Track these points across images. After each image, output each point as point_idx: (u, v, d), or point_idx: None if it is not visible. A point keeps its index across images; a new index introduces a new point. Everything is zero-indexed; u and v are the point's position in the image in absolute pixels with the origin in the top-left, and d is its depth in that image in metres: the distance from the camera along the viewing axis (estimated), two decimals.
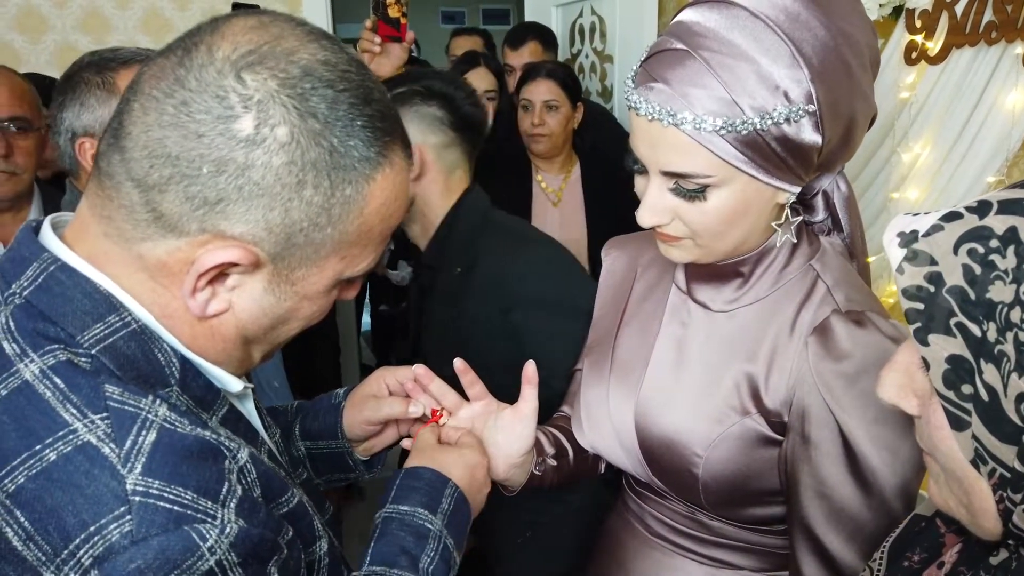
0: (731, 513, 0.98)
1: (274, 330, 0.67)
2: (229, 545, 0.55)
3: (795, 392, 0.90)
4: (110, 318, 0.59)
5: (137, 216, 0.59)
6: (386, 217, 0.66)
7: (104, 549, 0.52)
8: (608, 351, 1.10)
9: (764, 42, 0.80)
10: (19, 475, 0.53)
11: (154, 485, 0.54)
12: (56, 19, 2.71)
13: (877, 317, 0.89)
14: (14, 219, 1.68)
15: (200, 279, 0.60)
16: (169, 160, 0.57)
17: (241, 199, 0.57)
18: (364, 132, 0.61)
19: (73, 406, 0.55)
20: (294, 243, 0.60)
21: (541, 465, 1.09)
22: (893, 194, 1.94)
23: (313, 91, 0.59)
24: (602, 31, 3.04)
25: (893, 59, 1.90)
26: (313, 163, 0.59)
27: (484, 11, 7.07)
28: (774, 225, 0.91)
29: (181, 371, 0.62)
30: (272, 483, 0.65)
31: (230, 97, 0.57)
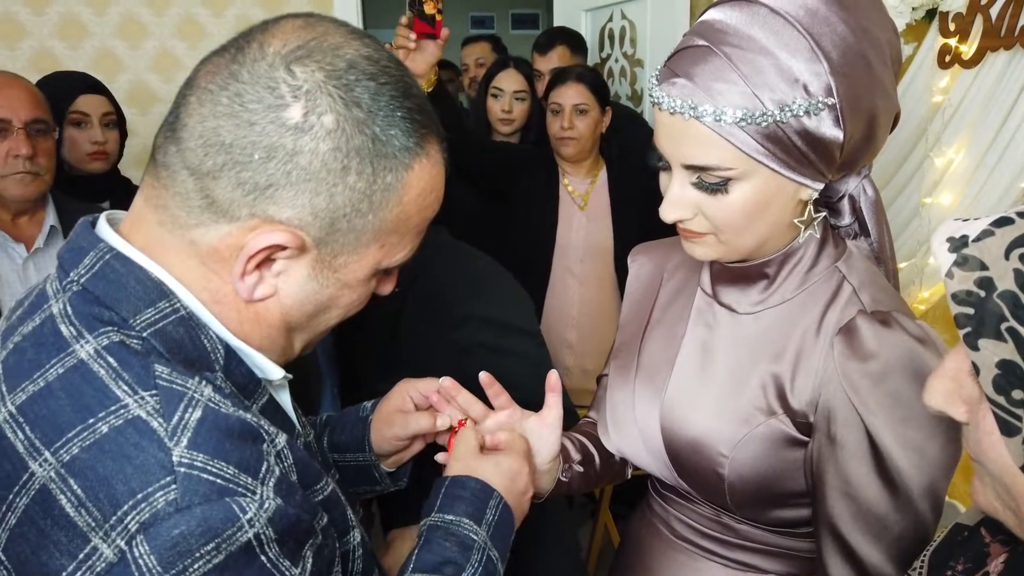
0: (757, 515, 0.98)
1: (315, 317, 0.70)
2: (267, 520, 0.58)
3: (821, 393, 0.90)
4: (160, 304, 0.63)
5: (191, 203, 0.62)
6: (423, 207, 0.69)
7: (150, 515, 0.54)
8: (634, 355, 1.10)
9: (784, 37, 0.81)
10: (73, 446, 0.57)
11: (198, 458, 0.57)
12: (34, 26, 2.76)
13: (903, 317, 0.89)
14: (31, 221, 1.72)
15: (249, 262, 0.63)
16: (223, 148, 0.60)
17: (289, 184, 0.61)
18: (404, 123, 0.64)
19: (125, 383, 0.59)
20: (337, 228, 0.64)
21: (568, 472, 1.09)
22: (926, 199, 1.91)
23: (357, 82, 0.62)
24: (632, 35, 3.04)
25: (926, 63, 1.87)
26: (357, 150, 0.62)
27: (513, 16, 7.09)
28: (797, 222, 0.91)
29: (225, 358, 0.66)
30: (308, 470, 0.67)
31: (280, 87, 0.60)
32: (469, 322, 1.22)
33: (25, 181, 1.64)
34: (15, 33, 2.75)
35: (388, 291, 0.76)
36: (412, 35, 1.70)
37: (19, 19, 2.75)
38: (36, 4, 2.75)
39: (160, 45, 2.88)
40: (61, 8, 2.78)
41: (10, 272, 1.68)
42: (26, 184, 1.64)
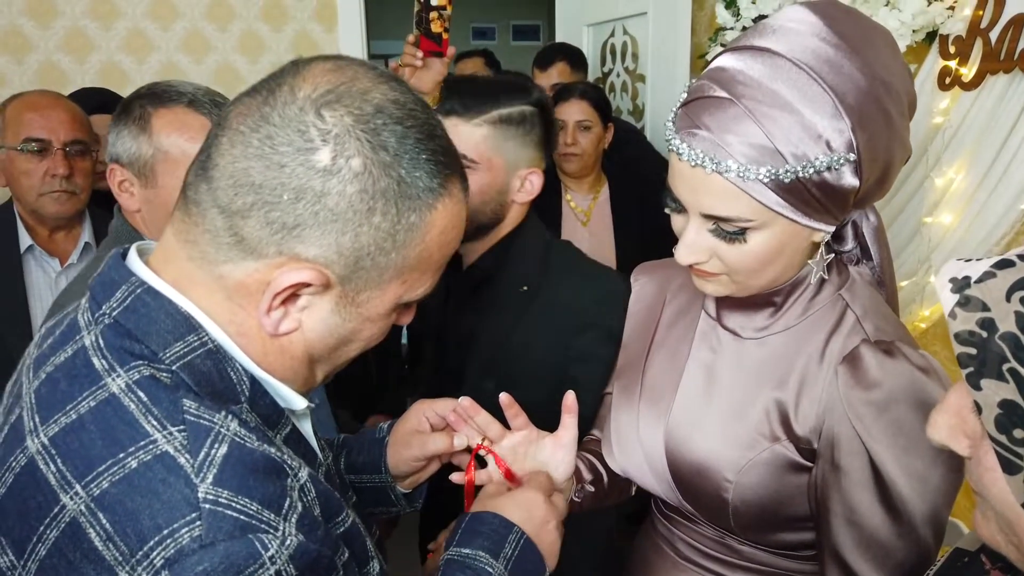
0: (761, 538, 0.99)
1: (337, 350, 0.72)
2: (288, 557, 0.58)
3: (824, 420, 0.91)
4: (189, 337, 0.64)
5: (220, 240, 0.64)
6: (444, 244, 0.71)
7: (175, 551, 0.55)
8: (638, 376, 1.11)
9: (808, 93, 0.81)
10: (104, 480, 0.58)
11: (223, 495, 0.58)
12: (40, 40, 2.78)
13: (907, 347, 0.90)
14: (67, 236, 1.78)
15: (275, 298, 0.64)
16: (253, 188, 0.62)
17: (316, 224, 0.62)
18: (428, 164, 0.66)
19: (154, 418, 0.60)
20: (361, 267, 0.65)
21: (580, 492, 1.10)
22: (926, 219, 1.92)
23: (384, 127, 0.64)
24: (634, 50, 3.05)
25: (926, 85, 1.89)
26: (383, 192, 0.64)
27: (514, 27, 7.12)
28: (810, 263, 0.93)
29: (251, 389, 0.67)
30: (330, 503, 0.68)
31: (310, 131, 0.62)
32: (590, 331, 1.23)
33: (61, 200, 1.71)
34: (22, 47, 2.76)
35: (406, 322, 0.77)
36: (419, 53, 1.71)
37: (25, 32, 2.76)
38: (42, 18, 2.77)
39: (166, 59, 2.90)
40: (67, 22, 2.80)
41: (43, 286, 1.74)
42: (62, 203, 1.71)
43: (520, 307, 1.35)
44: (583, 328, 1.26)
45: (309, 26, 3.02)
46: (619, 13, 3.08)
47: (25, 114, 1.69)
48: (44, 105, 1.70)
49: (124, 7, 2.84)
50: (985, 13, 1.75)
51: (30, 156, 1.68)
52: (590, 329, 1.24)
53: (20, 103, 1.72)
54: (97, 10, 2.82)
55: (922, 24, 1.84)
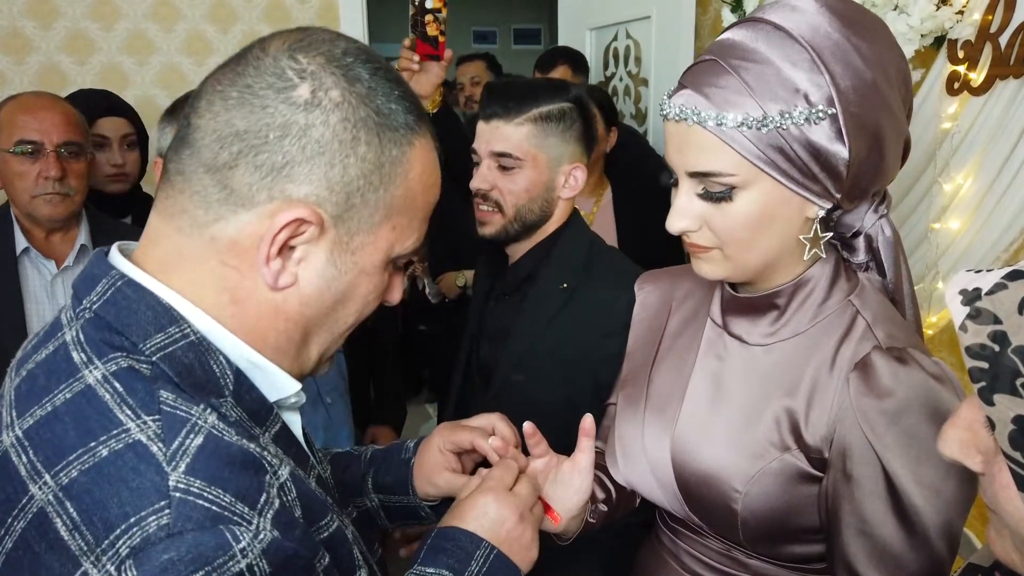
0: (770, 551, 0.97)
1: (334, 311, 0.70)
2: (261, 552, 0.56)
3: (836, 429, 0.89)
4: (171, 329, 0.63)
5: (210, 199, 0.64)
6: (426, 188, 0.71)
7: (141, 540, 0.54)
8: (643, 385, 1.10)
9: (786, 49, 0.84)
10: (73, 469, 0.57)
11: (195, 484, 0.56)
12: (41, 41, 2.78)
13: (920, 354, 0.88)
14: (64, 239, 1.77)
15: (273, 243, 0.64)
16: (238, 136, 0.63)
17: (305, 159, 0.63)
18: (402, 102, 0.68)
19: (129, 408, 0.59)
20: (352, 204, 0.66)
21: (595, 512, 1.09)
22: (934, 224, 1.91)
23: (355, 64, 0.66)
24: (637, 54, 3.04)
25: (935, 89, 1.88)
26: (364, 121, 0.65)
27: (515, 31, 7.13)
28: (802, 238, 0.91)
29: (235, 383, 0.66)
30: (312, 505, 0.66)
31: (287, 72, 0.64)
32: (620, 335, 1.23)
33: (54, 202, 1.69)
34: (23, 47, 2.75)
35: (396, 298, 0.77)
36: (415, 57, 1.70)
37: (26, 34, 2.75)
38: (43, 19, 2.76)
39: (167, 61, 2.89)
40: (68, 23, 2.79)
41: (39, 288, 1.73)
42: (55, 205, 1.69)
43: (558, 304, 1.38)
44: (614, 332, 1.27)
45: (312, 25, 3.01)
46: (622, 17, 3.07)
47: (18, 116, 1.67)
48: (37, 107, 1.69)
49: (125, 8, 2.83)
50: (995, 18, 1.74)
51: (23, 158, 1.66)
52: (621, 333, 1.24)
53: (13, 105, 1.70)
54: (98, 11, 2.81)
55: (930, 28, 1.82)
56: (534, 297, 1.41)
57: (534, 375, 1.38)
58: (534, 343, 1.39)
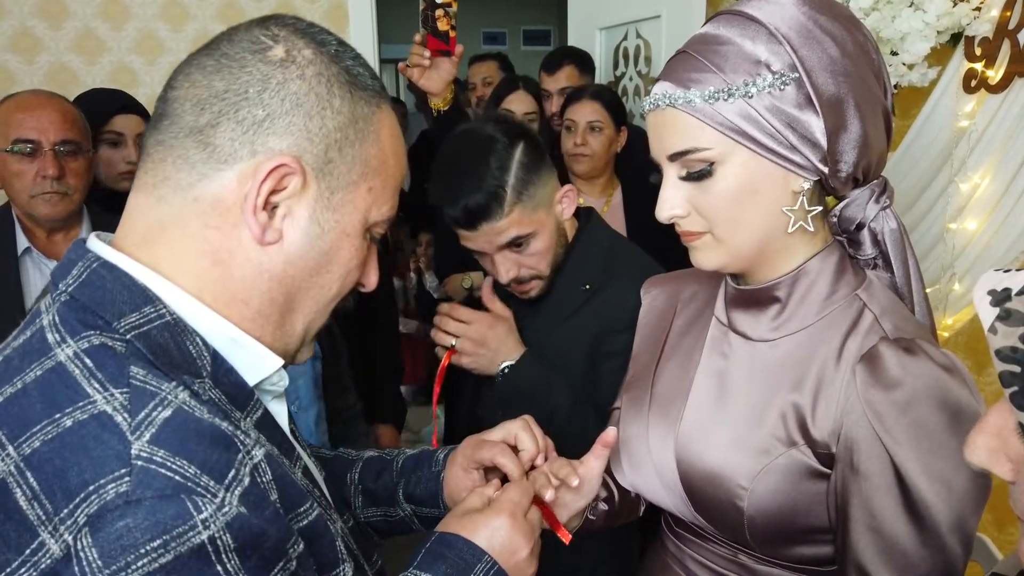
0: (777, 552, 0.95)
1: (317, 275, 0.70)
2: (225, 524, 0.54)
3: (843, 422, 0.88)
4: (146, 309, 0.63)
5: (192, 159, 0.65)
6: (395, 152, 0.74)
7: (98, 507, 0.52)
8: (647, 387, 1.09)
9: (746, 28, 0.88)
10: (36, 439, 0.56)
11: (158, 453, 0.55)
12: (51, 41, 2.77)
13: (928, 345, 0.87)
14: (65, 238, 1.75)
15: (259, 193, 0.65)
16: (218, 96, 0.65)
17: (284, 112, 0.65)
18: (365, 68, 0.72)
19: (97, 381, 0.58)
20: (330, 158, 0.68)
21: (595, 510, 1.08)
22: (950, 225, 1.89)
23: (320, 32, 0.71)
24: (647, 54, 3.03)
25: (951, 87, 1.85)
26: (336, 77, 0.68)
27: (525, 32, 7.12)
28: (785, 210, 0.90)
29: (212, 364, 0.65)
30: (290, 491, 0.64)
31: (261, 38, 0.67)
32: (627, 332, 1.23)
33: (53, 201, 1.67)
34: (32, 47, 2.76)
35: (373, 281, 0.78)
36: (426, 53, 1.68)
37: (36, 33, 2.76)
38: (53, 19, 2.76)
39: (176, 61, 2.83)
40: (78, 23, 2.79)
41: (41, 288, 1.73)
42: (54, 204, 1.67)
43: (578, 304, 1.38)
44: (625, 327, 1.26)
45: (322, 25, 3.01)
46: (632, 16, 3.06)
47: (15, 115, 1.66)
48: (34, 105, 1.67)
49: (135, 9, 2.83)
50: (1013, 14, 1.72)
51: (21, 158, 1.65)
52: (628, 330, 1.23)
53: (11, 104, 1.69)
54: (108, 11, 2.81)
55: (947, 25, 1.80)
56: (554, 298, 1.41)
57: None
58: (545, 343, 1.38)
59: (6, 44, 2.73)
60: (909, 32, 1.78)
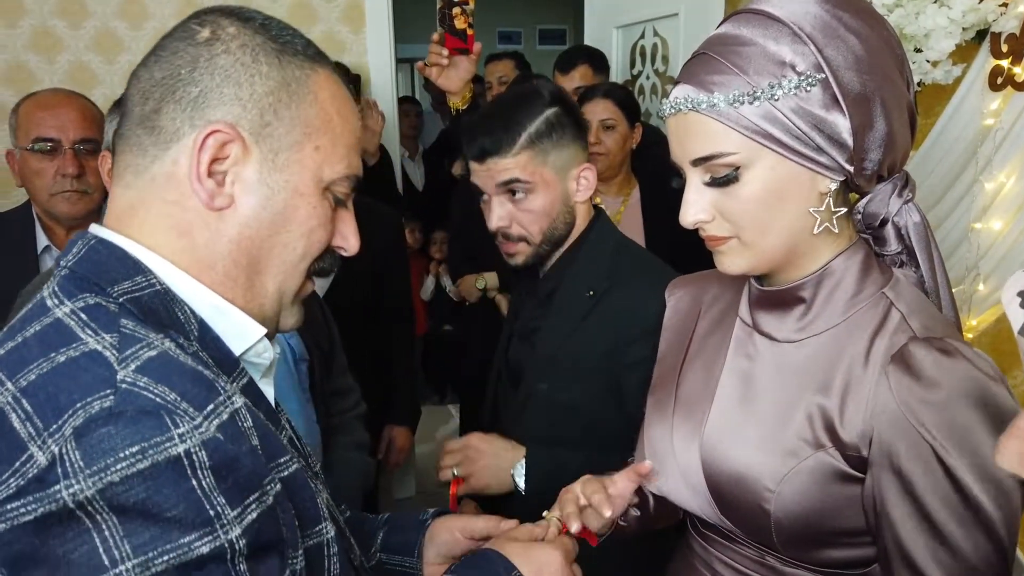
0: (805, 555, 0.94)
1: (276, 235, 0.74)
2: (201, 442, 0.58)
3: (873, 425, 0.86)
4: (137, 278, 0.69)
5: (144, 144, 0.71)
6: (340, 112, 0.77)
7: (84, 420, 0.57)
8: (672, 389, 1.08)
9: (768, 29, 0.86)
10: (31, 373, 0.61)
11: (142, 380, 0.60)
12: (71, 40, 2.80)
13: (960, 344, 0.85)
14: None
15: (200, 161, 0.69)
16: (157, 84, 0.71)
17: (215, 86, 0.70)
18: (297, 39, 0.76)
19: (91, 329, 0.64)
20: (267, 121, 0.72)
21: (626, 516, 1.08)
22: (975, 224, 1.86)
23: (248, 13, 0.75)
24: (664, 52, 3.01)
25: (976, 84, 1.83)
26: (261, 45, 0.73)
27: (540, 31, 7.11)
28: (811, 211, 0.89)
29: (200, 331, 0.70)
30: (269, 440, 0.68)
31: (191, 26, 0.73)
32: (647, 338, 1.22)
33: (72, 199, 1.69)
34: (53, 47, 2.78)
35: (353, 243, 0.81)
36: (444, 52, 1.67)
37: (56, 32, 2.78)
38: (73, 18, 2.79)
39: None
40: (97, 23, 2.81)
41: None
42: (73, 203, 1.69)
43: (584, 310, 1.36)
44: (641, 336, 1.25)
45: (336, 27, 3.02)
46: (649, 14, 3.04)
47: (35, 113, 1.67)
48: (54, 104, 1.68)
49: (153, 8, 2.85)
50: None
51: (41, 156, 1.66)
52: (647, 337, 1.22)
53: (31, 102, 1.70)
54: (127, 11, 2.83)
55: (972, 22, 1.77)
56: (560, 303, 1.40)
57: (558, 383, 1.36)
58: (558, 350, 1.37)
59: (27, 43, 2.76)
60: (933, 29, 1.75)
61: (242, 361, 0.74)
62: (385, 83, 3.10)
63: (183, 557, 0.57)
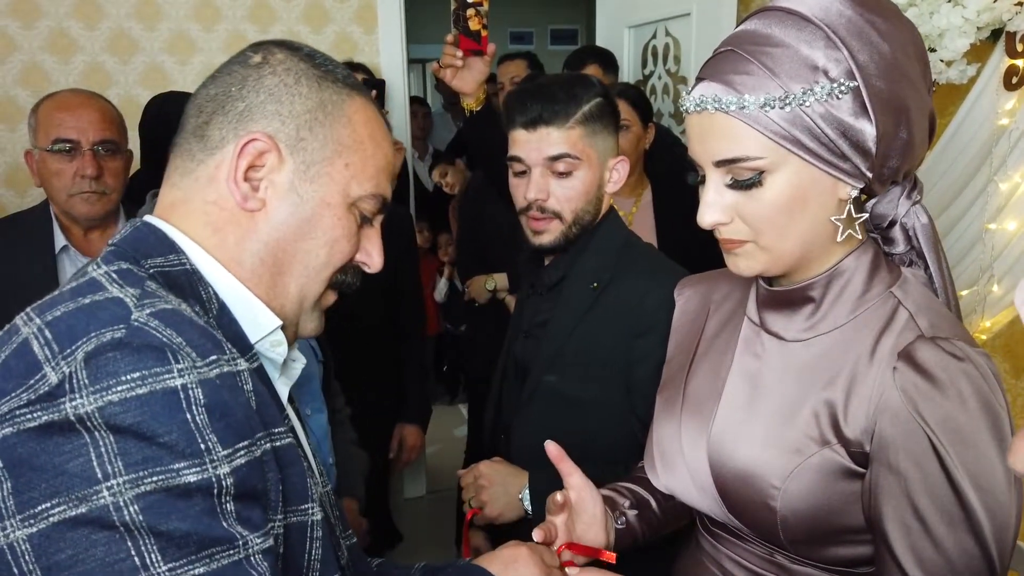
0: (812, 553, 0.94)
1: (302, 241, 0.80)
2: (198, 380, 0.64)
3: (876, 421, 0.86)
4: (170, 256, 0.76)
5: (193, 150, 0.80)
6: (372, 136, 0.84)
7: (95, 346, 0.62)
8: (680, 388, 1.08)
9: (801, 31, 0.84)
10: (58, 310, 0.67)
11: (152, 322, 0.65)
12: (86, 41, 2.83)
13: (968, 346, 0.85)
14: (102, 236, 1.77)
15: (239, 165, 0.77)
16: (211, 100, 0.80)
17: (259, 103, 0.78)
18: (338, 69, 0.84)
19: (117, 284, 0.70)
20: (302, 136, 0.79)
21: (621, 518, 1.08)
22: (989, 225, 1.84)
23: (299, 47, 0.84)
24: (676, 52, 3.00)
25: (991, 84, 1.81)
26: (304, 72, 0.81)
27: (552, 31, 7.10)
28: (834, 220, 0.89)
29: (219, 311, 0.76)
30: (267, 410, 0.73)
31: (247, 52, 0.82)
32: (651, 334, 1.22)
33: (91, 200, 1.70)
34: (68, 48, 2.81)
35: (376, 261, 0.86)
36: (459, 53, 1.68)
37: (72, 34, 2.81)
38: (88, 20, 2.81)
39: (207, 60, 2.93)
40: (112, 24, 2.84)
41: None
42: (92, 203, 1.70)
43: (588, 303, 1.37)
44: (645, 330, 1.25)
45: (349, 28, 3.03)
46: (661, 14, 3.03)
47: (55, 114, 1.68)
48: (74, 105, 1.69)
49: (168, 9, 2.87)
50: None
51: (60, 157, 1.67)
52: (652, 332, 1.22)
53: (51, 103, 1.71)
54: (141, 12, 2.85)
55: (987, 21, 1.75)
56: (566, 296, 1.40)
57: (565, 376, 1.37)
58: (564, 343, 1.38)
59: (43, 44, 2.78)
60: (948, 28, 1.74)
61: (257, 352, 0.78)
62: (397, 83, 3.11)
63: (171, 481, 0.61)
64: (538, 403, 1.40)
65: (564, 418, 1.37)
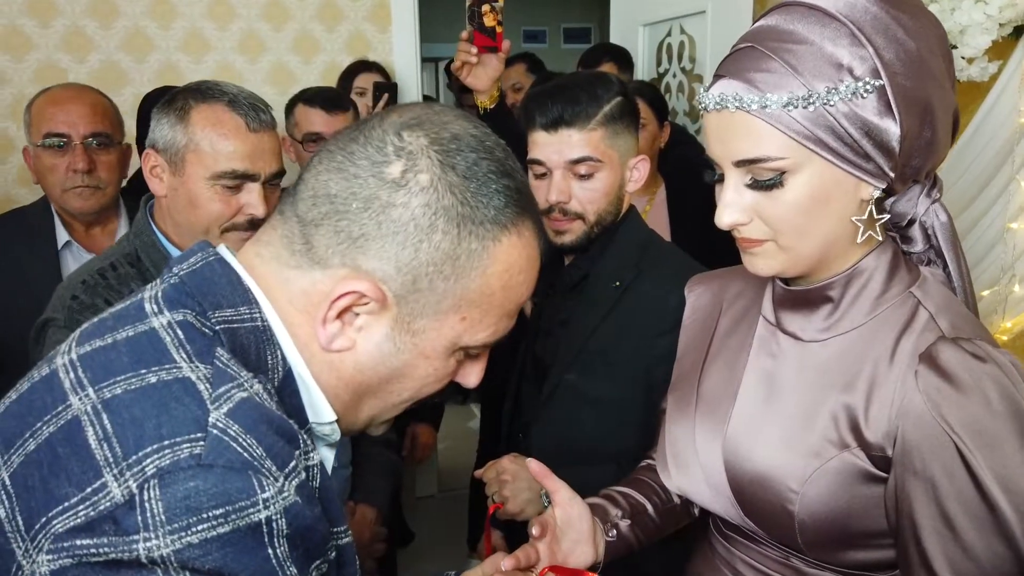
0: (830, 557, 0.92)
1: (388, 384, 0.71)
2: (283, 509, 0.56)
3: (899, 425, 0.85)
4: (242, 308, 0.67)
5: (294, 246, 0.68)
6: (508, 286, 0.70)
7: (171, 463, 0.54)
8: (693, 387, 1.07)
9: (825, 27, 0.82)
10: (118, 386, 0.59)
11: (233, 427, 0.57)
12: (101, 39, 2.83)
13: (991, 347, 0.84)
14: (103, 232, 1.76)
15: (331, 308, 0.66)
16: (328, 198, 0.67)
17: (379, 236, 0.65)
18: (498, 197, 0.68)
19: (185, 352, 0.62)
20: (418, 288, 0.66)
21: (612, 531, 1.07)
22: (1011, 224, 1.82)
23: (458, 151, 0.67)
24: (691, 51, 2.98)
25: (1013, 82, 1.79)
26: (446, 210, 0.66)
27: (566, 30, 7.09)
28: (855, 220, 0.87)
29: (282, 381, 0.67)
30: (332, 507, 0.65)
31: (387, 148, 0.67)
32: (674, 333, 1.22)
33: (84, 195, 1.68)
34: (84, 46, 2.82)
35: (473, 382, 0.76)
36: (474, 49, 1.68)
37: (87, 32, 2.82)
38: (104, 19, 2.83)
39: (222, 59, 2.94)
40: (127, 22, 2.85)
41: None
42: (85, 198, 1.68)
43: (611, 302, 1.36)
44: (668, 330, 1.24)
45: (363, 26, 3.03)
46: (676, 12, 3.02)
47: (46, 109, 1.67)
48: (64, 99, 1.68)
49: (182, 8, 2.88)
50: None
51: (53, 152, 1.65)
52: (674, 330, 1.21)
53: (43, 98, 1.70)
54: (156, 10, 2.86)
55: (1010, 18, 1.73)
56: (588, 294, 1.40)
57: (587, 374, 1.36)
58: (586, 342, 1.37)
59: (59, 43, 2.80)
60: (969, 25, 1.72)
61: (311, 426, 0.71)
62: (411, 82, 3.11)
63: None
64: (558, 401, 1.40)
65: (584, 416, 1.36)
